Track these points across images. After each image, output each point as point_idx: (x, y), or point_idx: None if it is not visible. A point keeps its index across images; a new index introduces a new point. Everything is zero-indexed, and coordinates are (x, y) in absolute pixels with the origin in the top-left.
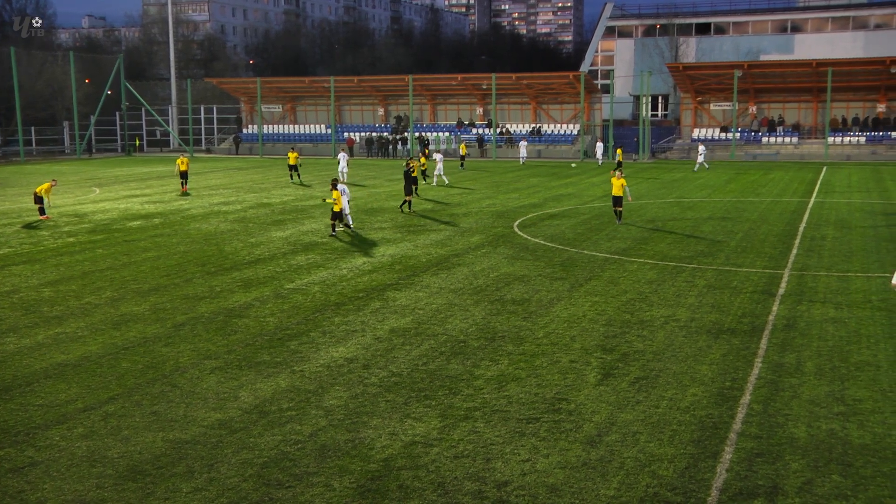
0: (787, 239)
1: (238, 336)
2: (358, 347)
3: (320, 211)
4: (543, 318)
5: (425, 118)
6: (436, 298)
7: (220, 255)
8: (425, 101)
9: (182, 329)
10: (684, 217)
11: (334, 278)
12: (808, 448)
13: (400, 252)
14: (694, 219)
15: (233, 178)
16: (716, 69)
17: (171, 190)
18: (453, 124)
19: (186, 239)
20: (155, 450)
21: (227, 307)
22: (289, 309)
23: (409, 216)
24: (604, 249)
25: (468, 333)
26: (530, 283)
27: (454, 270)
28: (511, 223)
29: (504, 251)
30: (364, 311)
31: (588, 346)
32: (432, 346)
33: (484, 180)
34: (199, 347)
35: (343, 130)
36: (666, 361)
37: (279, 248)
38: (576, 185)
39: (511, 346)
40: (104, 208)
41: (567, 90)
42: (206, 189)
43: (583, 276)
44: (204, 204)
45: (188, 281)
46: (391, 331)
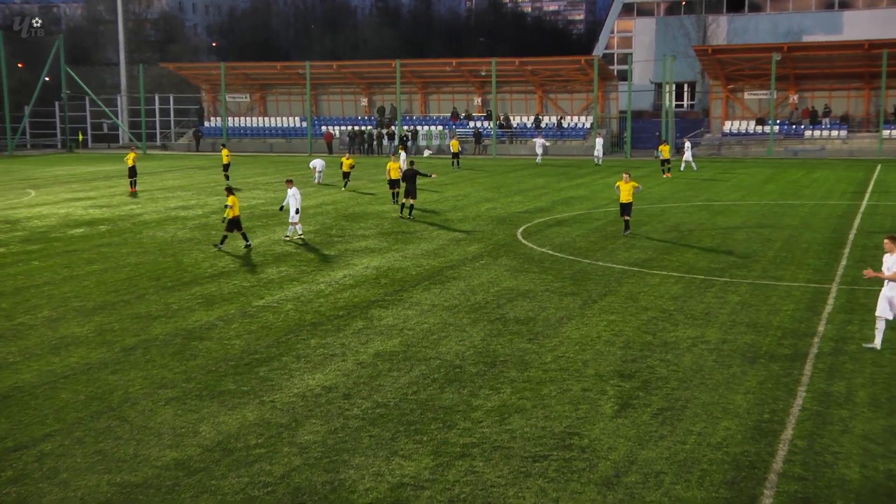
0: (834, 248)
1: (198, 361)
2: (338, 374)
3: None
4: (551, 340)
5: (415, 109)
6: (427, 317)
7: (178, 267)
8: (415, 89)
9: (132, 354)
10: (714, 223)
11: (310, 294)
12: (861, 492)
13: (386, 264)
14: (725, 225)
15: (193, 178)
16: (750, 52)
17: (121, 192)
18: (447, 116)
19: (138, 249)
20: (99, 495)
21: (185, 328)
22: (257, 330)
23: (402, 221)
24: (621, 260)
25: (465, 358)
26: (536, 299)
27: (449, 285)
28: (514, 230)
29: (506, 262)
30: (345, 333)
31: (603, 373)
32: (423, 373)
33: (483, 181)
34: (153, 375)
35: (320, 123)
36: (694, 390)
37: (247, 260)
38: (588, 186)
39: (514, 372)
40: (41, 213)
41: (578, 77)
42: (161, 191)
43: (597, 292)
44: (159, 208)
45: (140, 297)
46: (376, 355)
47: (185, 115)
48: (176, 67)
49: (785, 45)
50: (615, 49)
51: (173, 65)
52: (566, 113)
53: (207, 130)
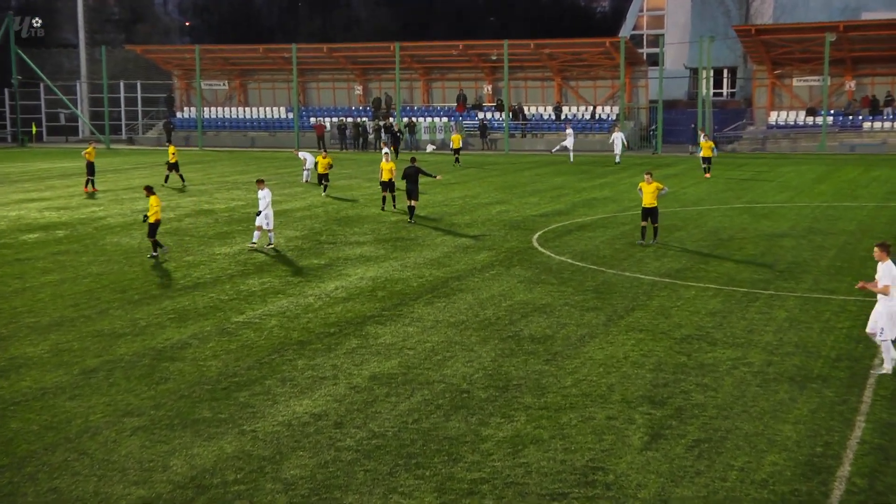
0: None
1: (169, 385)
2: (328, 400)
3: (278, 220)
4: (572, 361)
5: (416, 98)
6: (430, 335)
7: (146, 278)
8: (417, 76)
9: (94, 377)
10: (758, 228)
11: (297, 308)
12: None
13: (384, 274)
14: (770, 231)
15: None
16: (800, 32)
17: (81, 192)
18: (453, 107)
19: (101, 257)
20: None
21: (154, 347)
22: (237, 349)
23: (401, 226)
24: (651, 270)
25: (473, 381)
26: (554, 314)
27: (454, 298)
28: (529, 236)
29: (520, 273)
30: (336, 352)
31: (631, 398)
32: (426, 398)
33: (493, 180)
34: (117, 401)
35: (309, 114)
36: (735, 419)
37: (225, 269)
38: (613, 186)
39: (529, 397)
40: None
41: (602, 62)
42: (126, 191)
43: (623, 306)
44: (124, 211)
45: (102, 313)
46: (372, 378)
47: (155, 105)
48: (144, 50)
49: (840, 24)
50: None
51: (141, 47)
52: (588, 102)
53: (180, 122)
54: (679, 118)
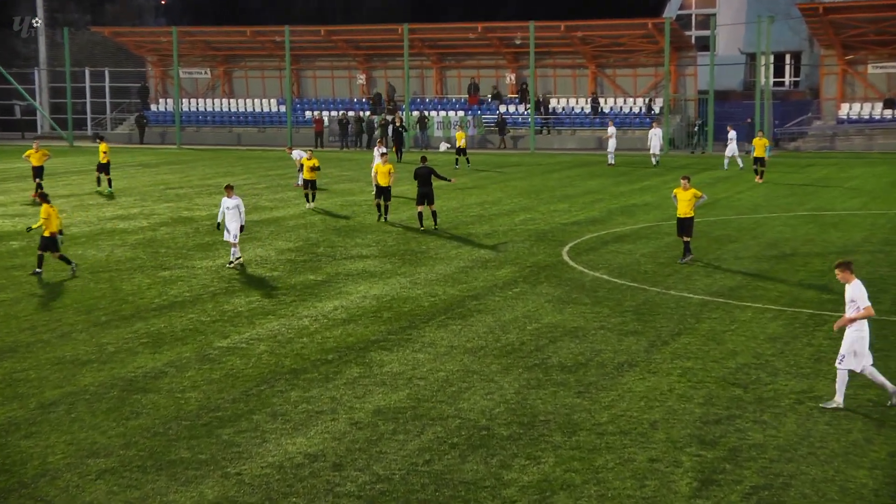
0: None
1: (141, 421)
2: (326, 438)
3: (269, 230)
4: (608, 394)
5: (429, 89)
6: (444, 362)
7: (115, 296)
8: (429, 63)
9: (53, 411)
10: (826, 239)
11: (290, 332)
12: None
13: (390, 292)
14: (841, 242)
15: (135, 179)
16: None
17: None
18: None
19: (62, 272)
20: None
21: (124, 376)
22: (220, 379)
23: (411, 237)
24: (700, 288)
25: (493, 416)
26: (588, 339)
27: (472, 320)
28: (558, 248)
29: (548, 291)
30: (335, 383)
31: (677, 438)
32: (439, 436)
33: (516, 184)
34: (80, 439)
35: (304, 107)
36: (800, 462)
37: (206, 286)
38: (656, 189)
39: (559, 435)
40: None
41: (644, 46)
42: (92, 196)
43: (668, 330)
44: (90, 218)
45: (64, 336)
46: (376, 412)
47: (125, 96)
48: (112, 33)
49: None
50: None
51: (109, 29)
52: (627, 94)
53: (154, 116)
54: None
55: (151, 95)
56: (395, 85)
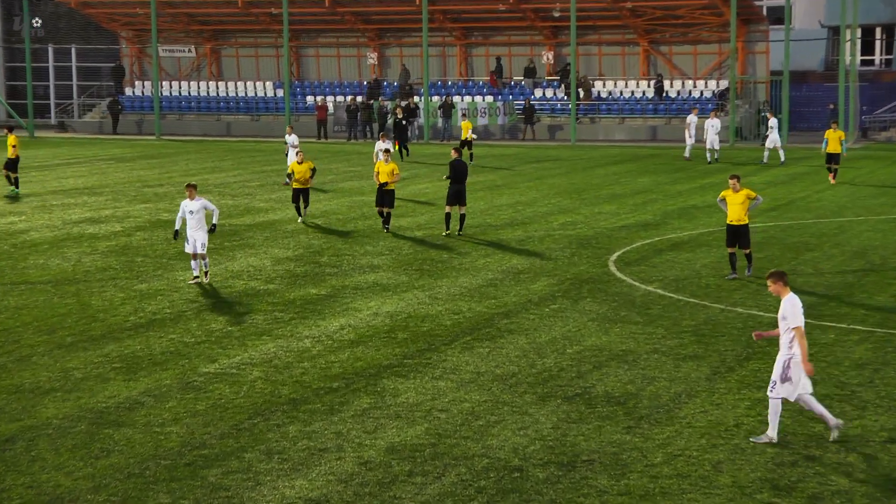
0: None
1: (113, 460)
2: (330, 480)
3: (264, 235)
4: (663, 430)
5: (451, 70)
6: (469, 392)
7: (83, 313)
8: (452, 39)
9: (9, 448)
10: None
11: (289, 355)
12: None
13: (406, 308)
14: None
15: (106, 175)
16: None
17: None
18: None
19: (21, 285)
20: None
21: (93, 408)
22: (206, 410)
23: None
24: (772, 305)
25: (527, 455)
26: (639, 364)
27: (502, 342)
28: (604, 257)
29: (591, 308)
30: (341, 415)
31: (746, 482)
32: (463, 479)
33: (554, 181)
34: (42, 482)
35: (305, 92)
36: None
37: (191, 302)
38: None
39: (605, 479)
40: None
41: (705, 19)
42: (56, 195)
43: (734, 354)
44: (53, 222)
45: (23, 361)
46: (389, 450)
47: (96, 78)
48: (80, 3)
49: None
50: None
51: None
52: (685, 74)
53: (129, 102)
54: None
55: (126, 77)
56: (411, 67)
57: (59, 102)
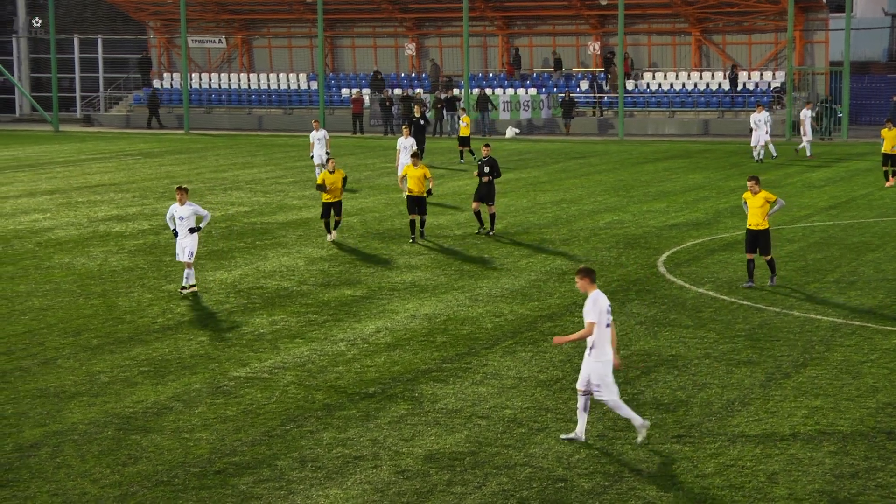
0: None
1: (141, 467)
2: (366, 489)
3: (297, 234)
4: (715, 439)
5: (493, 62)
6: (512, 397)
7: (110, 314)
8: (493, 29)
9: (34, 454)
10: None
11: (323, 359)
12: None
13: (445, 311)
14: None
15: (133, 171)
16: None
17: (17, 192)
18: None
19: (45, 285)
20: None
21: (120, 413)
22: (237, 416)
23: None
24: (831, 309)
25: (571, 465)
26: (689, 370)
27: (546, 346)
28: (652, 258)
29: (639, 310)
30: (378, 422)
31: (803, 495)
32: (505, 489)
33: (600, 177)
34: (67, 489)
35: (340, 84)
36: None
37: (221, 303)
38: (776, 185)
39: (654, 489)
40: None
41: (761, 7)
42: (82, 191)
43: (790, 360)
44: (79, 219)
45: (48, 364)
46: (428, 458)
47: (123, 70)
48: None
49: None
50: None
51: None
52: (739, 65)
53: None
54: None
55: (154, 69)
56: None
57: (85, 95)
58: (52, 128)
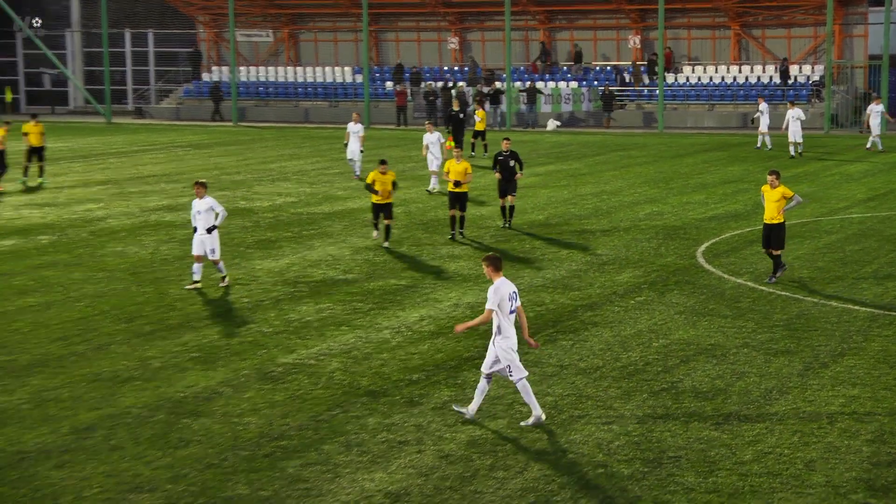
0: None
1: (192, 450)
2: (410, 473)
3: (342, 224)
4: (753, 427)
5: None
6: (553, 384)
7: (161, 301)
8: (535, 23)
9: (89, 437)
10: None
11: (368, 346)
12: None
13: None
14: None
15: (184, 162)
16: None
17: (72, 183)
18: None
19: (99, 273)
20: None
21: (171, 397)
22: (285, 402)
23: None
24: (870, 299)
25: (612, 451)
26: (728, 359)
27: (586, 334)
28: (692, 248)
29: (678, 300)
30: (422, 408)
31: (840, 482)
32: (545, 474)
33: (640, 169)
34: (121, 471)
35: (384, 77)
36: None
37: (268, 291)
38: (815, 178)
39: (692, 476)
40: None
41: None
42: (134, 182)
43: (828, 350)
44: (131, 209)
45: (101, 349)
46: (471, 444)
47: (173, 63)
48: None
49: None
50: None
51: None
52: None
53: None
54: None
55: (203, 63)
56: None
57: (136, 88)
58: (104, 120)
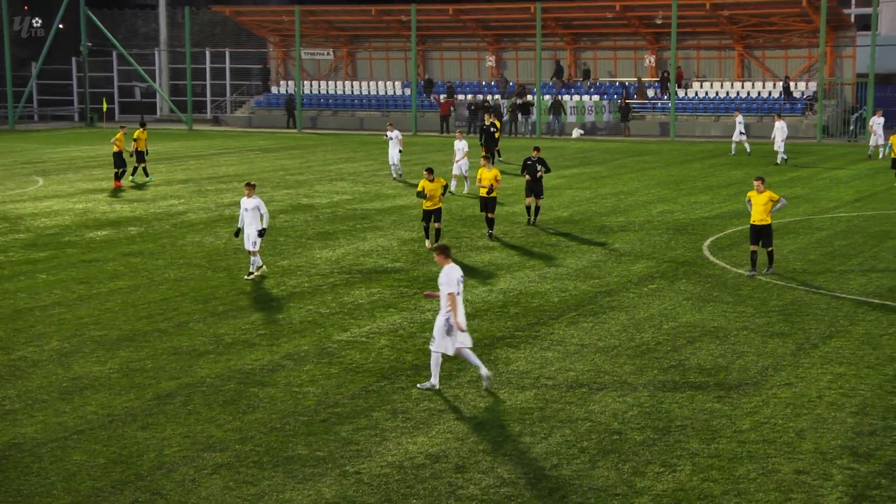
0: None
1: (258, 415)
2: (448, 438)
3: (391, 219)
4: (751, 400)
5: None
6: (574, 362)
7: (233, 286)
8: (563, 44)
9: (169, 403)
10: None
11: (413, 326)
12: None
13: (518, 286)
14: None
15: (254, 164)
16: None
17: (157, 182)
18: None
19: (179, 259)
20: None
21: (241, 369)
22: (339, 374)
23: (540, 230)
24: (856, 288)
25: (626, 420)
26: (729, 340)
27: (604, 317)
28: (698, 242)
29: (686, 288)
30: (459, 380)
31: (827, 448)
32: (567, 439)
33: (654, 173)
34: (196, 432)
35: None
36: None
37: (326, 277)
38: (808, 181)
39: (696, 442)
40: (50, 209)
41: (797, 25)
42: (210, 181)
43: (818, 332)
44: (208, 205)
45: (181, 326)
46: (502, 412)
47: (246, 78)
48: (233, 12)
49: None
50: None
51: (230, 8)
52: (777, 77)
53: (275, 99)
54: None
55: (272, 77)
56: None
57: (214, 99)
58: (186, 127)
